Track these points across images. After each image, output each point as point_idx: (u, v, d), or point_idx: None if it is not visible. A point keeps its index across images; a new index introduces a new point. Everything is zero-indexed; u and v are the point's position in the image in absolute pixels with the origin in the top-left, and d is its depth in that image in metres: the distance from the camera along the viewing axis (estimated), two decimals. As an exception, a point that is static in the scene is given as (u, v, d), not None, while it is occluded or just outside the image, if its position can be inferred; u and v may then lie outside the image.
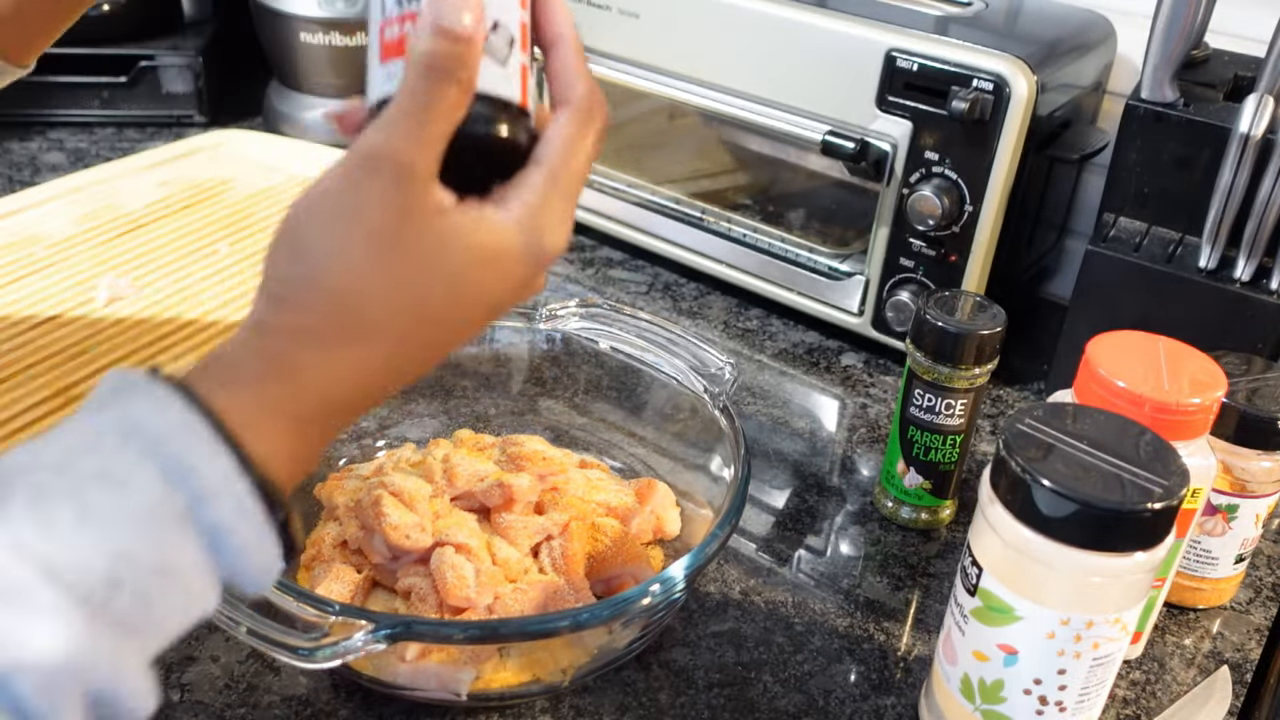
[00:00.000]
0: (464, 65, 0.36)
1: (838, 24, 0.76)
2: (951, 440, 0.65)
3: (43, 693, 0.28)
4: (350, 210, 0.36)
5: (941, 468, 0.66)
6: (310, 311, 0.36)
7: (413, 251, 0.36)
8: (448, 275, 0.37)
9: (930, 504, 0.67)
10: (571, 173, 0.40)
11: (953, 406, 0.63)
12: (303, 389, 0.36)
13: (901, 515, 0.68)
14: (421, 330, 0.38)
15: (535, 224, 0.39)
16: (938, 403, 0.63)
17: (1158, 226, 0.74)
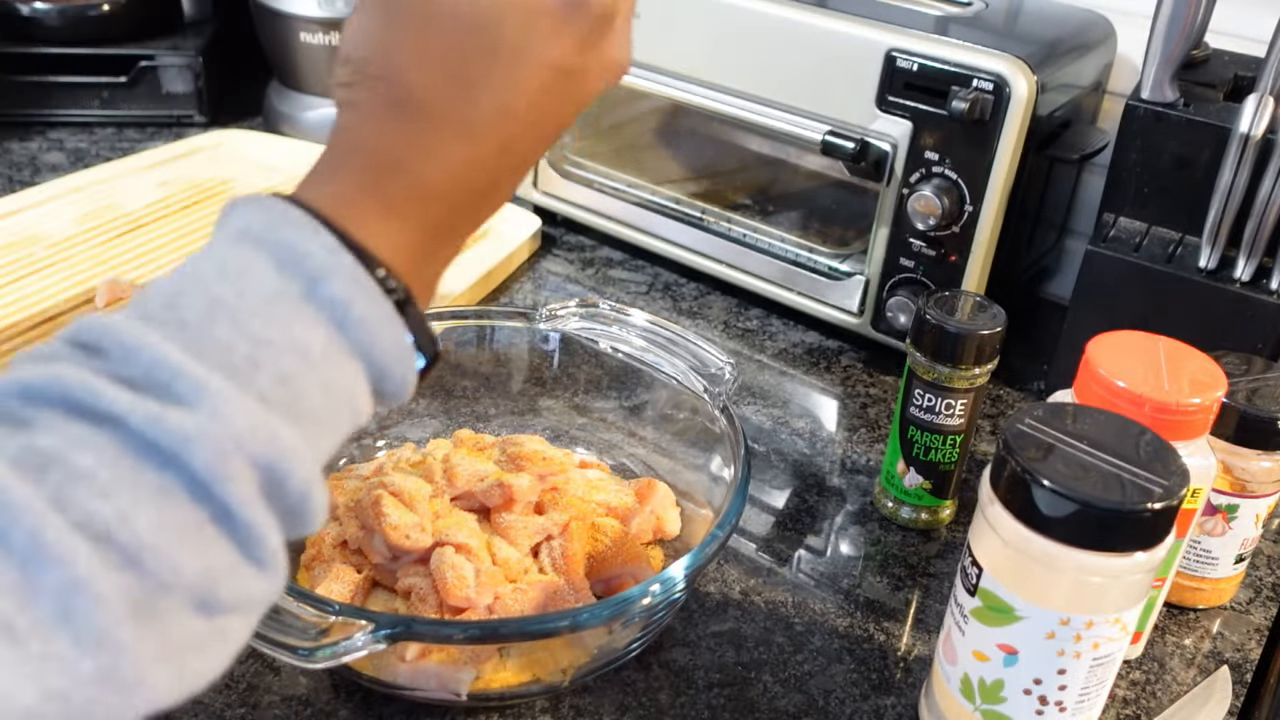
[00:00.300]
0: None
1: (838, 24, 0.76)
2: (951, 440, 0.65)
3: (213, 462, 0.29)
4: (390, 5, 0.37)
5: (941, 468, 0.66)
6: (375, 94, 0.37)
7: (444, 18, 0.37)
8: (477, 26, 0.37)
9: (930, 504, 0.67)
10: None
11: (953, 406, 0.63)
12: (386, 168, 0.36)
13: (901, 515, 0.68)
14: (482, 97, 0.37)
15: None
16: (938, 403, 0.63)
17: (1158, 226, 0.74)
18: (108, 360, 0.30)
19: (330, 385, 0.33)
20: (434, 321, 0.70)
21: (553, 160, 0.96)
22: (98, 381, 0.29)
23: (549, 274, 0.93)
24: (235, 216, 0.34)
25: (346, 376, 0.34)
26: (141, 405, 0.29)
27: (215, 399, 0.30)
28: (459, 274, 0.87)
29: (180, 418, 0.29)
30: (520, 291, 0.90)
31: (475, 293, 0.87)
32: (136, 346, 0.30)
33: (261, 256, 0.33)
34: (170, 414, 0.29)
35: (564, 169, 0.96)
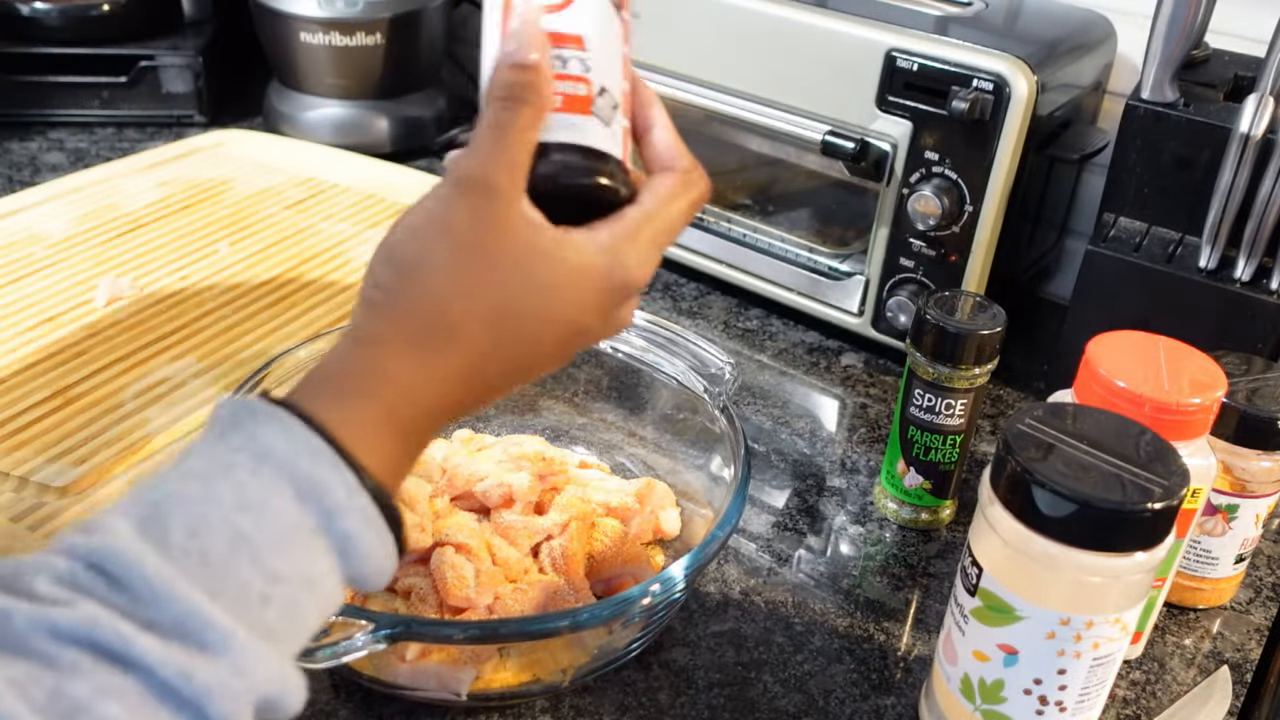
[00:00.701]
0: (534, 90, 0.40)
1: (838, 24, 0.76)
2: (951, 440, 0.65)
3: (228, 710, 0.32)
4: (441, 223, 0.39)
5: (942, 468, 0.66)
6: (404, 316, 0.39)
7: (498, 261, 0.39)
8: (530, 286, 0.39)
9: (930, 504, 0.67)
10: (665, 218, 0.43)
11: (953, 406, 0.63)
12: (402, 397, 0.38)
13: (902, 515, 0.68)
14: (507, 341, 0.40)
15: (620, 252, 0.41)
16: (938, 403, 0.63)
17: (1158, 226, 0.74)
18: (135, 601, 0.32)
19: (325, 604, 0.36)
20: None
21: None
22: (126, 626, 0.31)
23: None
24: (256, 429, 0.36)
25: (336, 589, 0.36)
26: (171, 657, 0.31)
27: (238, 651, 0.32)
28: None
29: (205, 670, 0.31)
30: (520, 291, 0.90)
31: (475, 293, 0.87)
32: (166, 594, 0.32)
33: (283, 486, 0.35)
34: (197, 666, 0.31)
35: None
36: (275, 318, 0.79)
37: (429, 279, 0.39)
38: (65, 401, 0.69)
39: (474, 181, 0.39)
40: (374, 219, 0.94)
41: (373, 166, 1.04)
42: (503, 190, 0.39)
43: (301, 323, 0.79)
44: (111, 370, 0.72)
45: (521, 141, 0.40)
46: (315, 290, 0.83)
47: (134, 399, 0.70)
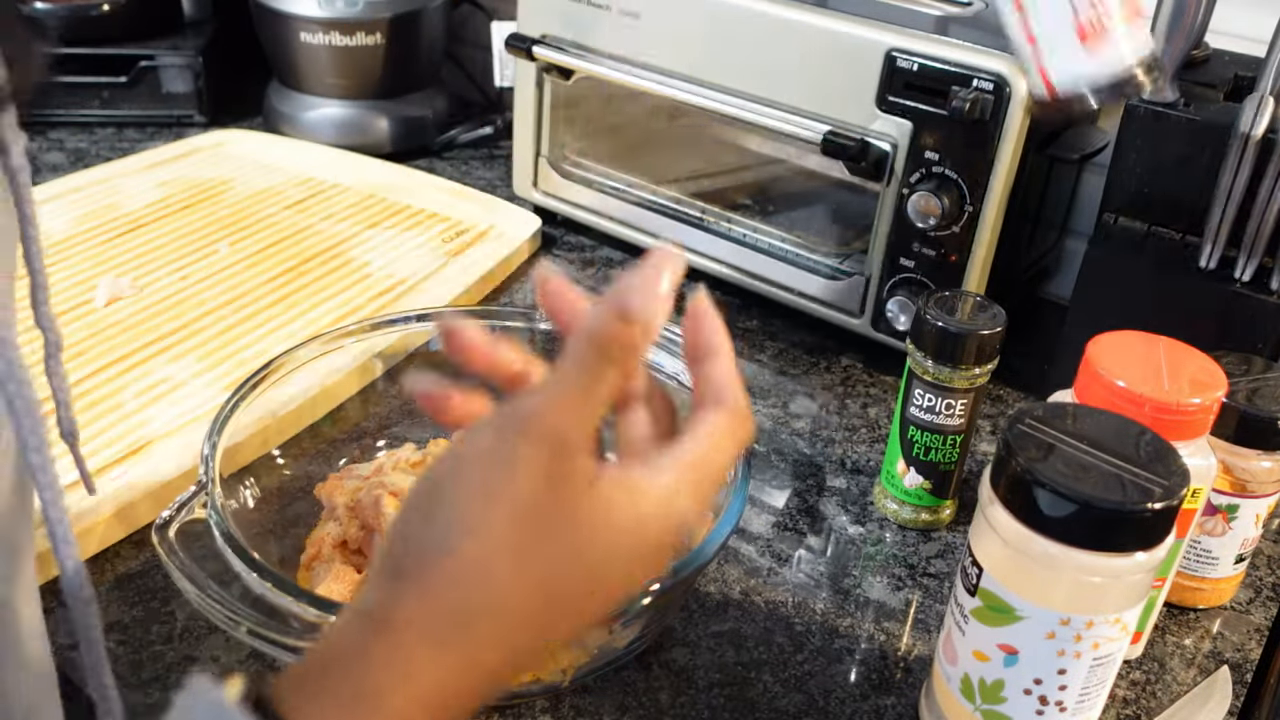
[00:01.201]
0: (636, 353, 0.36)
1: (838, 24, 0.76)
2: (952, 440, 0.65)
3: None
4: (500, 473, 0.33)
5: (942, 468, 0.66)
6: (434, 581, 0.32)
7: (559, 527, 0.33)
8: (591, 551, 0.34)
9: (930, 504, 0.67)
10: (719, 459, 0.37)
11: (953, 407, 0.63)
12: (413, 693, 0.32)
13: (902, 515, 0.68)
14: (550, 613, 0.34)
15: (680, 496, 0.36)
16: (938, 403, 0.63)
17: (1158, 226, 0.74)
18: None
19: None
20: (434, 322, 0.70)
21: (553, 160, 0.96)
22: None
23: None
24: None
25: None
26: None
27: None
28: (459, 274, 0.87)
29: None
30: (520, 291, 0.90)
31: (475, 293, 0.87)
32: None
33: None
34: None
35: (564, 169, 0.96)
36: (275, 318, 0.79)
37: (476, 536, 0.32)
38: (65, 401, 0.69)
39: (545, 429, 0.33)
40: (374, 219, 0.94)
41: (373, 166, 1.04)
42: (573, 447, 0.34)
43: (302, 323, 0.79)
44: (111, 370, 0.72)
45: (604, 398, 0.35)
46: (315, 290, 0.83)
47: (134, 399, 0.70)
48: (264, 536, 0.58)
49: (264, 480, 0.61)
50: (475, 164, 1.11)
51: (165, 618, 0.57)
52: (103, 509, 0.61)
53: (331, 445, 0.67)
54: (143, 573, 0.60)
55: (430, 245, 0.91)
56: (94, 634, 0.38)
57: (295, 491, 0.63)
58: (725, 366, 0.39)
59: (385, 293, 0.84)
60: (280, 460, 0.64)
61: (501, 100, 1.14)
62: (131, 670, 0.54)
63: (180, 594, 0.52)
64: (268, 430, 0.65)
